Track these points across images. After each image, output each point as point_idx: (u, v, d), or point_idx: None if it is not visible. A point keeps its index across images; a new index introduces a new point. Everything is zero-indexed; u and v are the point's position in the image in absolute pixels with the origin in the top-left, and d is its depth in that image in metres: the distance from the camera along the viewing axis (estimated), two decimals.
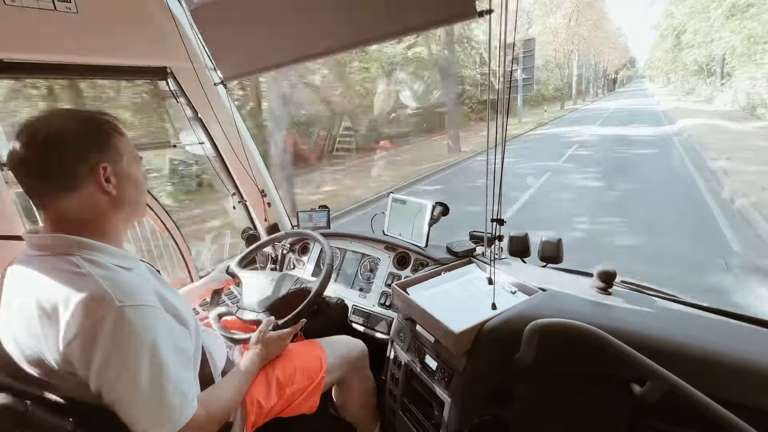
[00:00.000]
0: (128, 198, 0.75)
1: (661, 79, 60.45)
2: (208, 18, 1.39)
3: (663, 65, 42.18)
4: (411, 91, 13.10)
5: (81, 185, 0.68)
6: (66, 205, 0.69)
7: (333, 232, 1.72)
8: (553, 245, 1.24)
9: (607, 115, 21.30)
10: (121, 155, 0.73)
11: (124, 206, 0.75)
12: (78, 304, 0.61)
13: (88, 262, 0.67)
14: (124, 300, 0.63)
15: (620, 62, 60.03)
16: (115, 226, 0.75)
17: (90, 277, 0.64)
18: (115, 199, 0.72)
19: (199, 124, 1.63)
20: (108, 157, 0.71)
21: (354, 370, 1.23)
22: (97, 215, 0.71)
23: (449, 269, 1.26)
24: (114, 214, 0.74)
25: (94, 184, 0.70)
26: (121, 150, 0.73)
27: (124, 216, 0.77)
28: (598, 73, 48.36)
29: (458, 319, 0.94)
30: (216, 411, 0.78)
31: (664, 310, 0.97)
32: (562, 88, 30.75)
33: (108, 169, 0.70)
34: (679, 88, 36.59)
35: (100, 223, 0.72)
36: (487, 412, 0.95)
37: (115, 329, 0.61)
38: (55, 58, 1.19)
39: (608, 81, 60.61)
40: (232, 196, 1.80)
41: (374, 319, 1.43)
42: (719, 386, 0.72)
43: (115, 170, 0.72)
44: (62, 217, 0.69)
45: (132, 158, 0.76)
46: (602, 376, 0.84)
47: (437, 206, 1.43)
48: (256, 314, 1.15)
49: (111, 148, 0.71)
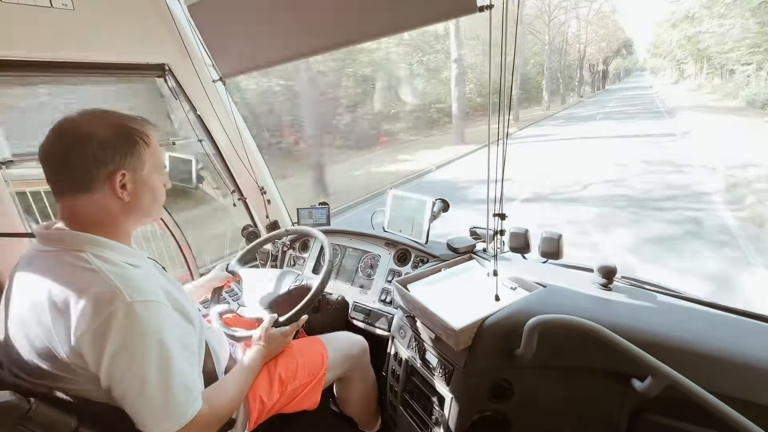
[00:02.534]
0: (142, 206, 0.76)
1: (671, 71, 44.85)
2: (206, 14, 1.38)
3: (677, 50, 27.93)
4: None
5: (96, 187, 0.70)
6: (79, 204, 0.70)
7: (333, 229, 1.72)
8: (554, 241, 1.24)
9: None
10: (144, 164, 0.74)
11: (136, 213, 0.77)
12: (90, 299, 0.62)
13: (98, 259, 0.68)
14: (134, 296, 0.64)
15: (610, 48, 41.59)
16: (125, 228, 0.76)
17: (100, 273, 0.65)
18: (128, 205, 0.74)
19: (198, 121, 1.62)
20: (129, 165, 0.72)
21: (355, 366, 1.24)
22: (108, 217, 0.73)
23: (449, 266, 1.26)
24: (125, 218, 0.75)
25: (109, 189, 0.71)
26: (144, 159, 0.74)
27: (135, 220, 0.78)
28: (568, 66, 31.43)
29: (459, 315, 0.94)
30: (219, 407, 0.79)
31: (665, 305, 0.97)
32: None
33: (126, 176, 0.71)
34: (708, 84, 23.78)
35: (110, 225, 0.73)
36: (488, 407, 0.95)
37: (125, 324, 0.62)
38: (52, 56, 1.18)
39: (596, 75, 44.53)
40: (232, 193, 1.79)
41: (375, 315, 1.43)
42: (719, 381, 0.72)
43: (134, 178, 0.73)
44: (74, 213, 0.71)
45: (155, 168, 0.77)
46: (603, 372, 0.84)
47: (437, 202, 1.43)
48: (258, 311, 1.15)
49: (134, 156, 0.72)
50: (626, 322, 0.84)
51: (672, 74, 46.65)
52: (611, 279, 1.03)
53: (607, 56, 43.97)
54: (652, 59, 51.78)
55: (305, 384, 1.06)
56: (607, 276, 1.02)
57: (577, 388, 0.89)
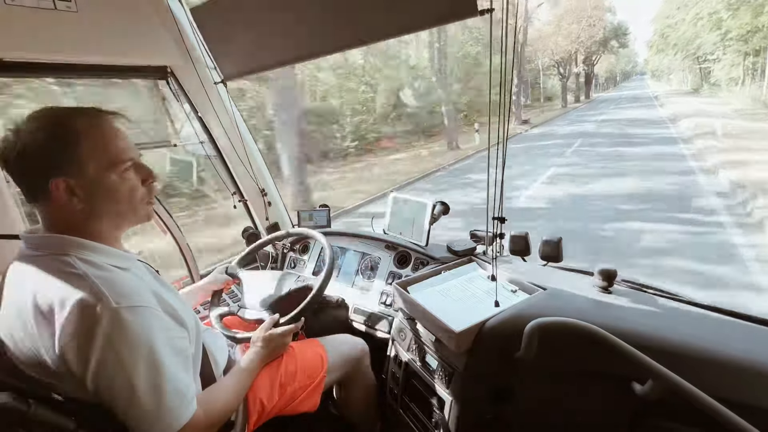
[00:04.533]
0: (106, 210, 0.70)
1: (686, 74, 28.56)
2: (208, 17, 1.39)
3: (705, 33, 16.75)
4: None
5: (44, 198, 0.67)
6: (43, 210, 0.69)
7: (334, 231, 1.72)
8: (554, 244, 1.24)
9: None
10: (83, 165, 0.66)
11: (105, 216, 0.71)
12: (73, 305, 0.60)
13: (83, 262, 0.66)
14: (120, 301, 0.63)
15: (589, 38, 25.99)
16: (106, 229, 0.72)
17: (85, 278, 0.63)
18: (88, 212, 0.69)
19: (199, 123, 1.63)
20: (68, 172, 0.65)
21: (355, 368, 1.23)
22: (77, 223, 0.69)
23: (450, 268, 1.26)
24: (96, 222, 0.70)
25: (55, 199, 0.66)
26: (82, 160, 0.66)
27: (112, 224, 0.73)
28: (526, 70, 21.18)
29: (459, 318, 0.94)
30: (216, 411, 0.78)
31: (665, 308, 0.97)
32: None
33: (70, 182, 0.65)
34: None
35: (88, 227, 0.70)
36: (488, 410, 0.95)
37: (111, 330, 0.61)
38: (55, 58, 1.19)
39: (566, 81, 26.94)
40: (233, 195, 1.80)
41: (375, 318, 1.43)
42: (720, 385, 0.72)
43: (79, 183, 0.66)
44: (49, 219, 0.70)
45: (105, 165, 0.68)
46: (603, 375, 0.84)
47: (437, 205, 1.43)
48: (258, 313, 1.15)
49: (67, 161, 0.65)
50: (627, 326, 0.84)
51: (686, 78, 28.32)
52: (611, 282, 1.03)
53: (588, 52, 28.30)
54: (657, 56, 32.40)
55: (305, 386, 1.06)
56: (608, 279, 1.02)
57: (578, 392, 0.88)
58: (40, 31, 1.10)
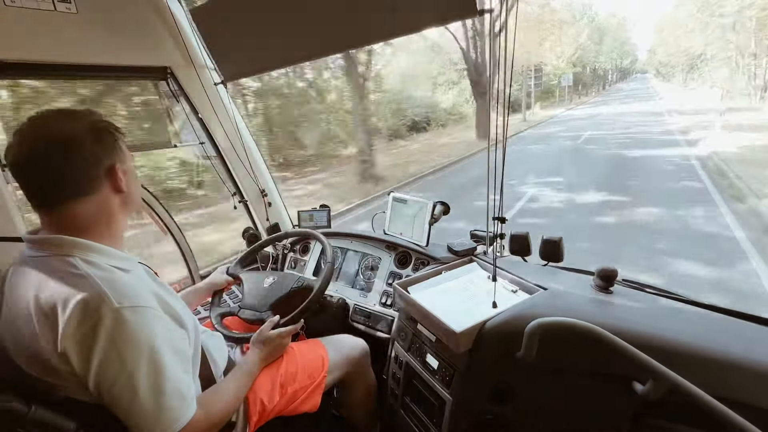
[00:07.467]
0: (134, 193, 0.78)
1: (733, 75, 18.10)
2: (208, 18, 1.39)
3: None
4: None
5: (97, 188, 0.70)
6: (78, 210, 0.69)
7: (334, 232, 1.72)
8: (554, 244, 1.24)
9: None
10: (125, 154, 0.76)
11: (131, 204, 0.78)
12: (76, 305, 0.61)
13: (86, 263, 0.67)
14: (122, 301, 0.63)
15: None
16: (121, 226, 0.77)
17: (88, 278, 0.64)
18: (125, 196, 0.75)
19: (199, 123, 1.63)
20: (118, 157, 0.73)
21: (355, 369, 1.23)
22: (108, 216, 0.73)
23: (450, 268, 1.26)
24: (122, 212, 0.76)
25: (110, 186, 0.72)
26: (124, 149, 0.76)
27: (128, 214, 0.79)
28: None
29: (459, 318, 0.94)
30: (216, 411, 0.78)
31: (666, 308, 0.97)
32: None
33: (119, 168, 0.73)
34: None
35: (109, 224, 0.73)
36: (489, 411, 0.95)
37: (113, 331, 0.61)
38: (55, 59, 1.19)
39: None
40: (233, 195, 1.80)
41: (375, 318, 1.43)
42: (721, 385, 0.72)
43: (123, 168, 0.74)
44: (70, 220, 0.69)
45: (130, 155, 0.79)
46: (604, 375, 0.83)
47: (438, 205, 1.43)
48: (258, 314, 1.15)
49: (118, 148, 0.73)
50: (627, 325, 0.84)
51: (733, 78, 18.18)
52: (612, 282, 1.03)
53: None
54: (661, 50, 23.74)
55: (305, 387, 1.06)
56: (608, 279, 1.02)
57: (578, 392, 0.88)
58: (40, 33, 1.10)
